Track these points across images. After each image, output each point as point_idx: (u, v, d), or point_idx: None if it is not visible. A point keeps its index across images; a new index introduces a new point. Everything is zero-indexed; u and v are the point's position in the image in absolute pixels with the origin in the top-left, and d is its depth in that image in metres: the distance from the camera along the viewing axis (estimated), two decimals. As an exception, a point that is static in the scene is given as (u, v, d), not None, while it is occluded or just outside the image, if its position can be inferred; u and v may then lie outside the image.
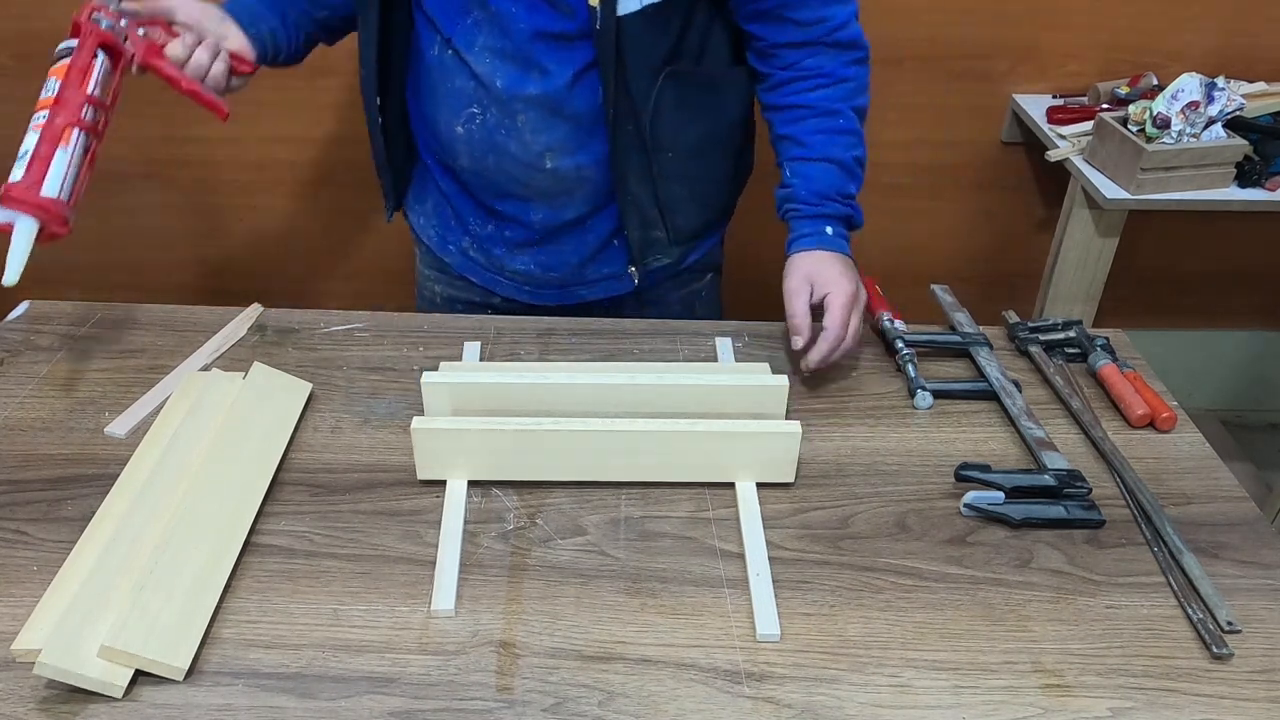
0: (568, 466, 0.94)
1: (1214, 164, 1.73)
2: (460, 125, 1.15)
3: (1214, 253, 2.29)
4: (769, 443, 0.93)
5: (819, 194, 1.11)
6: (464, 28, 1.09)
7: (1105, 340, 1.16)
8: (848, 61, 1.12)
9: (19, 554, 0.86)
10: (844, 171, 1.12)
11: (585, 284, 1.26)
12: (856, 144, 1.13)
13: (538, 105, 1.11)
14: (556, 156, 1.14)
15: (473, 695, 0.75)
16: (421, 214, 1.31)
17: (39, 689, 0.74)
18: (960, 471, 0.95)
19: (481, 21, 1.08)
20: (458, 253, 1.29)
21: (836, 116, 1.12)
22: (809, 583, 0.86)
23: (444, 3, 1.10)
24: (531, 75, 1.09)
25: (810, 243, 1.10)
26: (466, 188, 1.22)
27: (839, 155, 1.11)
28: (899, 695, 0.76)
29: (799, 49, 1.11)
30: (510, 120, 1.12)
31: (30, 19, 1.92)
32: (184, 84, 1.03)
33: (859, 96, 1.13)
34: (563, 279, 1.25)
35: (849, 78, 1.12)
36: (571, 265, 1.24)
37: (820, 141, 1.12)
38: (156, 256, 2.23)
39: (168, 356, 1.11)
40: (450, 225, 1.28)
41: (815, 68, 1.11)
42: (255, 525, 0.89)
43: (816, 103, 1.11)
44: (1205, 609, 0.84)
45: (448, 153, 1.19)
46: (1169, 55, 2.01)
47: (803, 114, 1.12)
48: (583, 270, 1.25)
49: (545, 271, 1.25)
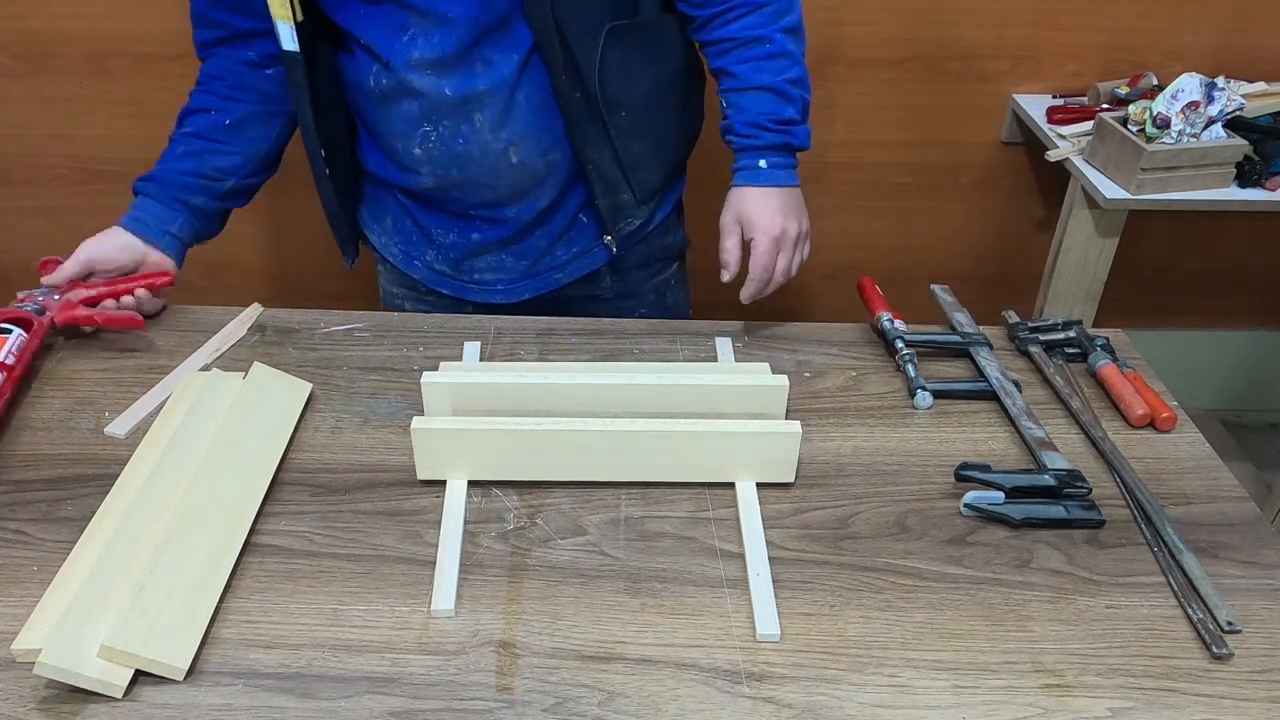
0: (568, 466, 0.94)
1: (1214, 164, 1.73)
2: (417, 146, 1.15)
3: (1214, 253, 2.29)
4: (769, 443, 0.93)
5: (751, 124, 1.11)
6: (400, 45, 1.08)
7: (1105, 340, 1.16)
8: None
9: (19, 554, 0.86)
10: (778, 96, 1.11)
11: (558, 267, 1.26)
12: (789, 66, 1.12)
13: (491, 100, 1.11)
14: (520, 150, 1.14)
15: (473, 695, 0.75)
16: (381, 233, 1.30)
17: (39, 689, 0.74)
18: (960, 471, 0.95)
19: (417, 35, 1.07)
20: (424, 267, 1.29)
21: (763, 43, 1.11)
22: (809, 583, 0.86)
23: (378, 26, 1.09)
24: (477, 70, 1.09)
25: (745, 177, 1.12)
26: (429, 202, 1.22)
27: (769, 81, 1.11)
28: (899, 695, 0.76)
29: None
30: (468, 124, 1.12)
31: (30, 19, 1.92)
32: (98, 319, 1.11)
33: (784, 17, 1.12)
34: (534, 265, 1.25)
35: (768, 1, 1.11)
36: (541, 248, 1.24)
37: (748, 70, 1.11)
38: (156, 256, 2.23)
39: (167, 356, 1.11)
40: (413, 240, 1.28)
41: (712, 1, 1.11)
42: (255, 525, 0.89)
43: (739, 33, 1.11)
44: (1205, 609, 0.84)
45: (408, 174, 1.19)
46: (1169, 55, 2.01)
47: (729, 45, 1.12)
48: (553, 251, 1.24)
49: (516, 261, 1.25)
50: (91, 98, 2.00)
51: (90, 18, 1.92)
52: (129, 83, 1.99)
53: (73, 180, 2.11)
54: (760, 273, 1.11)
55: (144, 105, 2.02)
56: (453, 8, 1.05)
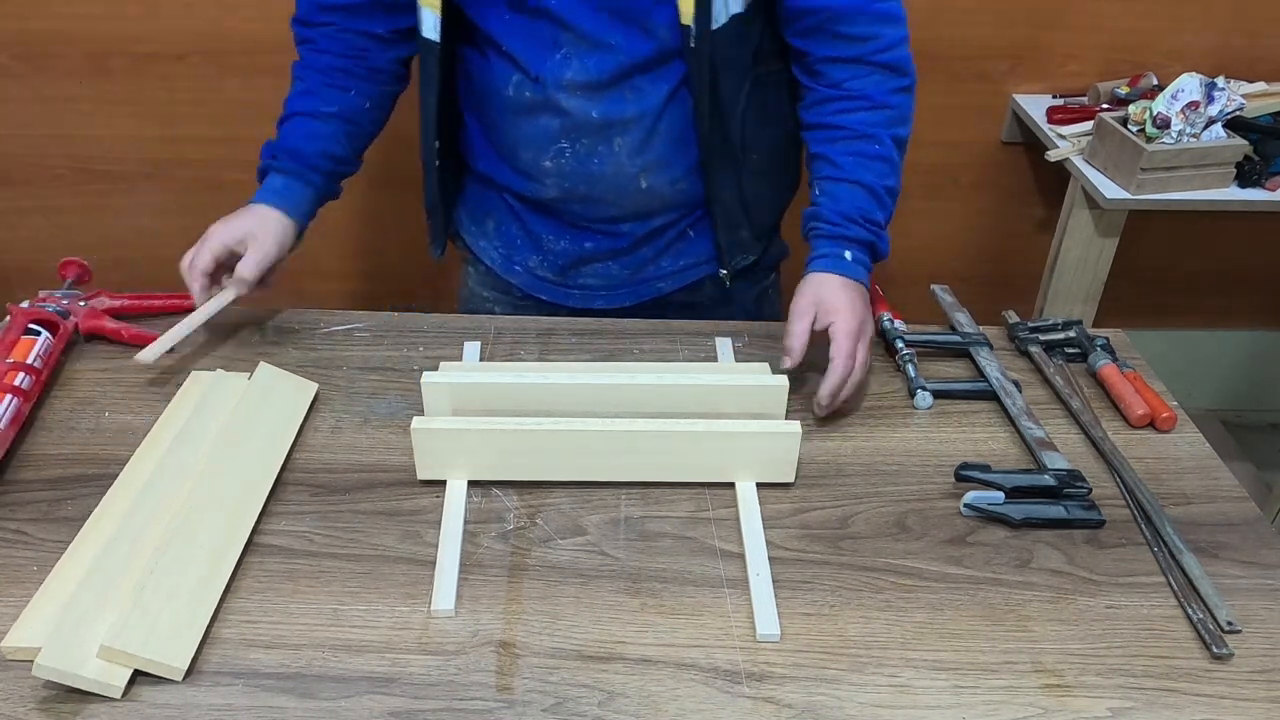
0: (568, 466, 0.94)
1: (1214, 164, 1.73)
2: (549, 160, 1.14)
3: (1214, 253, 2.29)
4: (769, 443, 0.93)
5: (844, 215, 1.07)
6: (552, 62, 1.08)
7: (1105, 340, 1.16)
8: (893, 89, 1.08)
9: (19, 554, 0.86)
10: (873, 197, 1.08)
11: (662, 277, 1.26)
12: (890, 173, 1.09)
13: (635, 127, 1.11)
14: (651, 176, 1.15)
15: (473, 695, 0.75)
16: (480, 235, 1.29)
17: (38, 689, 0.74)
18: (960, 471, 0.95)
19: (571, 56, 1.07)
20: (524, 272, 1.28)
21: (873, 142, 1.08)
22: (809, 583, 0.86)
23: (529, 39, 1.08)
24: (626, 97, 1.10)
25: (827, 264, 1.06)
26: (544, 209, 1.22)
27: (870, 180, 1.08)
28: (899, 695, 0.76)
29: (845, 66, 1.08)
30: (606, 146, 1.13)
31: (30, 19, 1.92)
32: (125, 334, 1.12)
33: (899, 126, 1.10)
34: (638, 274, 1.25)
35: (891, 105, 1.08)
36: (648, 259, 1.24)
37: (852, 164, 1.08)
38: (156, 256, 2.23)
39: (168, 357, 1.11)
40: (517, 245, 1.27)
41: (858, 89, 1.08)
42: (256, 525, 0.89)
43: (854, 125, 1.08)
44: (1205, 609, 0.84)
45: (529, 183, 1.18)
46: (1169, 55, 2.01)
47: (839, 134, 1.09)
48: (659, 261, 1.24)
49: (622, 269, 1.25)
50: (91, 98, 2.00)
51: (90, 18, 1.92)
52: (129, 83, 1.99)
53: (73, 180, 2.11)
54: (844, 361, 1.00)
55: (144, 105, 2.02)
56: (614, 35, 1.06)
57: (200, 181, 2.12)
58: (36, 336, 1.04)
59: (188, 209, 2.16)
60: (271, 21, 1.91)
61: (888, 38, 1.07)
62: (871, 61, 1.07)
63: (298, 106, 1.17)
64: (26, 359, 1.02)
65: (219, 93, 2.01)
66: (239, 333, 1.16)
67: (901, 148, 1.11)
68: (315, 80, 1.17)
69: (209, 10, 1.91)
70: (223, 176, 2.12)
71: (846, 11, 1.05)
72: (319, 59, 1.17)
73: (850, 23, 1.05)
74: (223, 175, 2.11)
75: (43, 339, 1.05)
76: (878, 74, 1.07)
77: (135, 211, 2.16)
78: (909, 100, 1.11)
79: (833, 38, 1.07)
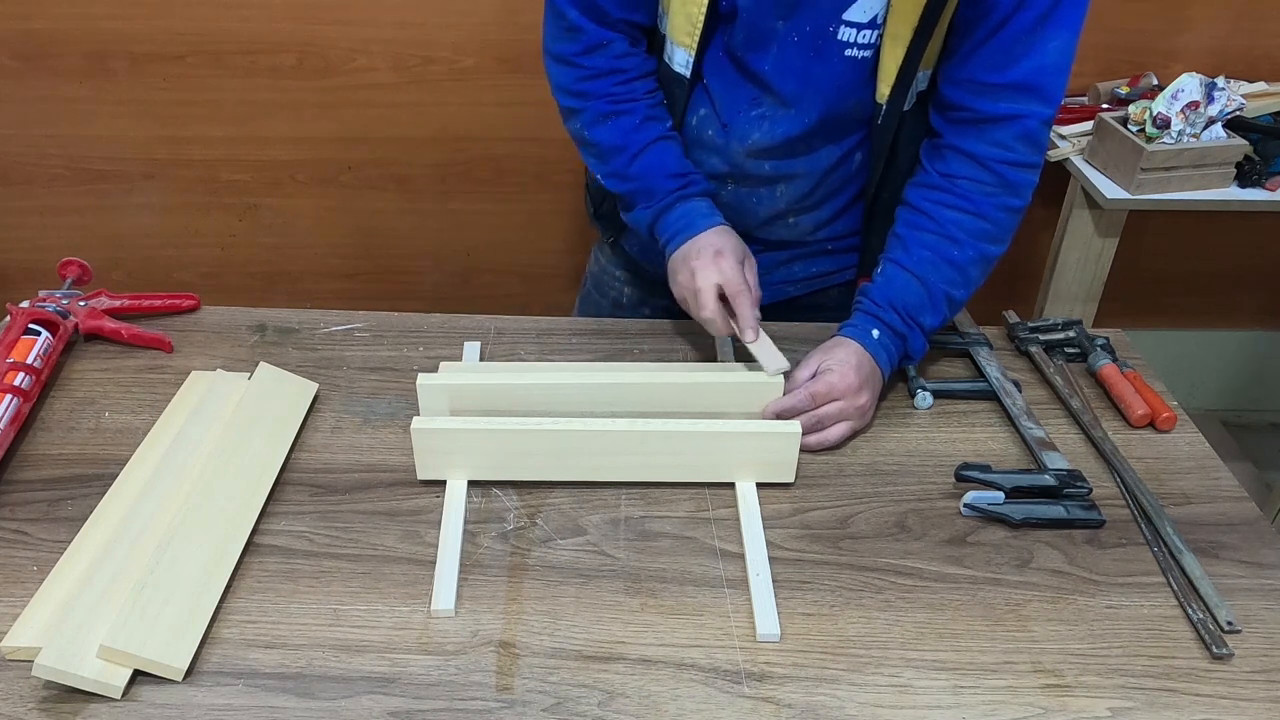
0: (568, 466, 0.94)
1: (1214, 164, 1.73)
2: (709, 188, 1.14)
3: (1214, 253, 2.29)
4: (769, 443, 0.93)
5: (889, 301, 1.04)
6: (746, 119, 1.09)
7: (1105, 340, 1.16)
8: (1002, 205, 1.04)
9: (19, 554, 0.86)
10: (928, 297, 1.04)
11: (792, 281, 1.26)
12: (959, 283, 1.05)
13: (802, 180, 1.13)
14: (802, 214, 1.17)
15: (473, 695, 0.75)
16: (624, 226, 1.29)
17: (38, 688, 0.74)
18: (960, 471, 0.95)
19: (766, 118, 1.08)
20: (661, 261, 1.24)
21: (955, 246, 1.04)
22: (809, 583, 0.86)
23: (733, 89, 1.09)
24: (799, 157, 1.11)
25: (850, 332, 1.04)
26: None
27: (933, 281, 1.04)
28: (899, 695, 0.76)
29: (968, 162, 1.04)
30: (768, 190, 1.15)
31: (30, 19, 1.92)
32: (125, 334, 1.12)
33: (991, 243, 1.05)
34: (768, 275, 1.23)
35: (991, 220, 1.04)
36: (780, 261, 1.24)
37: (923, 258, 1.04)
38: (156, 256, 2.23)
39: (168, 357, 1.11)
40: None
41: (966, 190, 1.04)
42: (255, 525, 0.89)
43: (945, 222, 1.04)
44: (1205, 609, 0.84)
45: None
46: (1169, 55, 2.01)
47: (927, 224, 1.05)
48: (790, 266, 1.25)
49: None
50: (91, 98, 2.00)
51: (90, 18, 1.92)
52: (129, 83, 1.99)
53: (73, 180, 2.11)
54: (801, 401, 0.98)
55: (144, 105, 2.02)
56: (814, 109, 1.06)
57: (200, 181, 2.12)
58: (36, 336, 1.05)
59: (188, 209, 2.16)
60: (272, 21, 1.91)
61: (1020, 155, 1.03)
62: (994, 169, 1.03)
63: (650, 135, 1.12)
64: (26, 359, 1.02)
65: (219, 93, 2.01)
66: (239, 333, 1.16)
67: (985, 264, 1.07)
68: (642, 107, 1.12)
69: (209, 10, 1.91)
70: (223, 176, 2.12)
71: (999, 118, 1.02)
72: (636, 86, 1.12)
73: (999, 128, 1.02)
74: (223, 175, 2.12)
75: (43, 339, 1.05)
76: (994, 184, 1.04)
77: (135, 211, 2.16)
78: (1012, 221, 1.06)
79: (975, 135, 1.04)
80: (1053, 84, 1.00)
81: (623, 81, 1.11)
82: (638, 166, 1.11)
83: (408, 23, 1.94)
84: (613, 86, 1.11)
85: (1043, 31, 0.96)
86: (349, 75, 1.99)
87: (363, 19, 1.93)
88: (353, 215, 2.19)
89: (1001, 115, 1.01)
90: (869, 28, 1.01)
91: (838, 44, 1.02)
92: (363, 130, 2.05)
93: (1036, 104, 1.00)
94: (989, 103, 1.01)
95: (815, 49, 1.03)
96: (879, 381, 1.04)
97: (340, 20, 1.93)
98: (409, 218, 2.19)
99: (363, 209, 2.17)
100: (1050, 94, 1.01)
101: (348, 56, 1.98)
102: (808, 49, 1.03)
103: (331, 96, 2.01)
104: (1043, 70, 0.99)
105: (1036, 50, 0.97)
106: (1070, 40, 0.98)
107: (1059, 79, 1.00)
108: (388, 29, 1.95)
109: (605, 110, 1.11)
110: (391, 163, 2.11)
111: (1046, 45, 0.97)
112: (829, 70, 1.04)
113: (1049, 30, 0.96)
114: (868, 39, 1.01)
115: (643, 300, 1.34)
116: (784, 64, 1.04)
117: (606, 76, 1.11)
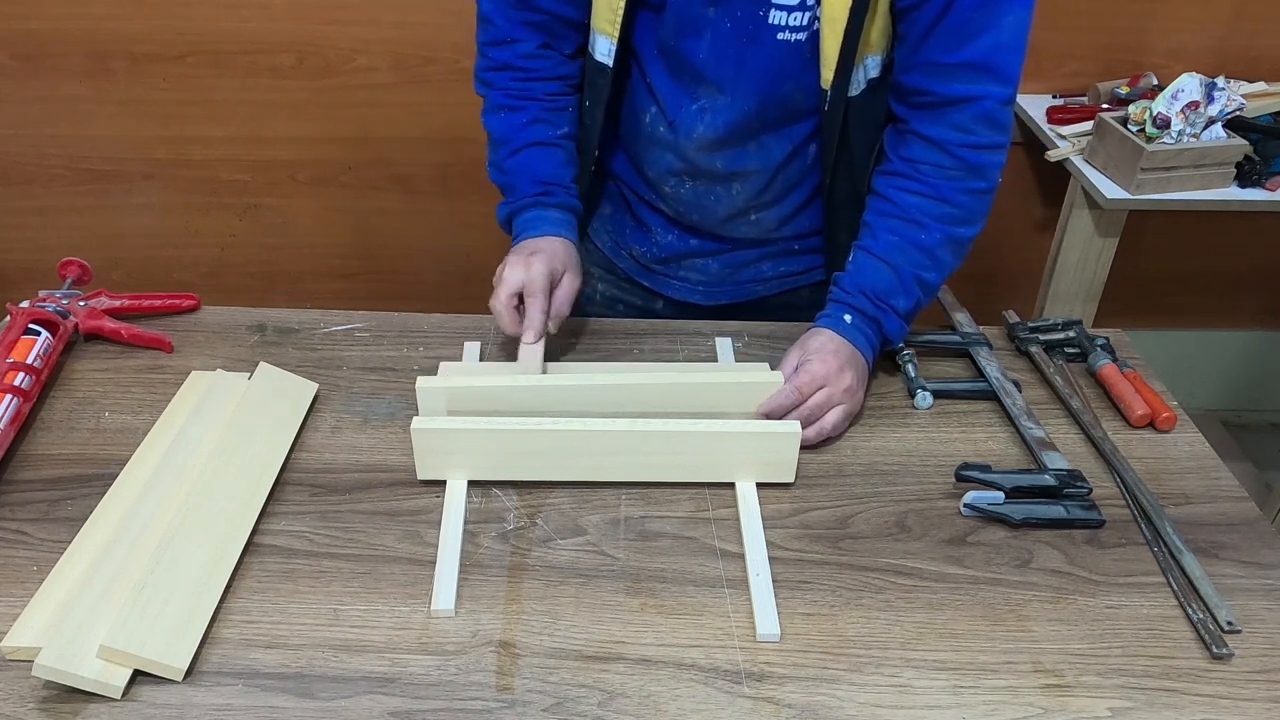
0: (567, 466, 0.94)
1: (1214, 164, 1.73)
2: (668, 187, 1.17)
3: (1214, 253, 2.29)
4: (769, 443, 0.93)
5: (859, 287, 1.04)
6: (688, 113, 1.10)
7: (1105, 340, 1.16)
8: (966, 189, 1.04)
9: (19, 554, 0.86)
10: (898, 281, 1.04)
11: (761, 280, 1.27)
12: (928, 266, 1.04)
13: (756, 177, 1.14)
14: (762, 211, 1.18)
15: (473, 695, 0.75)
16: (595, 218, 1.32)
17: (38, 688, 0.74)
18: (960, 471, 0.95)
19: (707, 110, 1.09)
20: (628, 258, 1.30)
21: (920, 230, 1.04)
22: (809, 583, 0.86)
23: (672, 83, 1.10)
24: (751, 152, 1.12)
25: (825, 322, 1.05)
26: (658, 210, 1.24)
27: (901, 264, 1.04)
28: (899, 695, 0.76)
29: (930, 147, 1.03)
30: (724, 188, 1.15)
31: (30, 19, 1.92)
32: (125, 334, 1.12)
33: (958, 225, 1.05)
34: (736, 274, 1.26)
35: (955, 203, 1.04)
36: (749, 261, 1.25)
37: (890, 244, 1.04)
38: (156, 256, 2.23)
39: (168, 358, 1.11)
40: (626, 232, 1.29)
41: (928, 175, 1.04)
42: (255, 525, 0.89)
43: (909, 207, 1.04)
44: (1205, 609, 0.84)
45: (649, 190, 1.21)
46: (1169, 55, 2.01)
47: (891, 210, 1.05)
48: (759, 265, 1.25)
49: (722, 268, 1.26)
50: (91, 98, 2.00)
51: (90, 18, 1.92)
52: (129, 83, 2.00)
53: (73, 180, 2.11)
54: (789, 397, 0.98)
55: (144, 105, 2.02)
56: (751, 97, 1.06)
57: (200, 181, 2.12)
58: (36, 336, 1.05)
59: (188, 209, 2.16)
60: (271, 21, 1.91)
61: (981, 138, 1.02)
62: (956, 154, 1.02)
63: (533, 136, 1.14)
64: (26, 359, 1.02)
65: (219, 93, 2.01)
66: (239, 333, 1.16)
67: (955, 246, 1.06)
68: (535, 107, 1.15)
69: (209, 10, 1.91)
70: (222, 176, 2.12)
71: (957, 100, 1.01)
72: (535, 86, 1.15)
73: (957, 110, 1.01)
74: (223, 175, 2.12)
75: (43, 339, 1.05)
76: (956, 168, 1.03)
77: (135, 211, 2.16)
78: (979, 203, 1.05)
79: (934, 119, 1.03)
80: (1008, 62, 1.00)
81: (521, 79, 1.14)
82: (513, 163, 1.14)
83: (408, 23, 1.94)
84: (510, 81, 1.14)
85: (995, 8, 0.96)
86: (349, 75, 1.99)
87: (363, 19, 1.93)
88: (353, 215, 2.19)
89: (959, 97, 1.01)
90: (799, 10, 1.00)
91: (770, 28, 1.02)
92: (363, 130, 2.05)
93: (993, 84, 1.00)
94: (945, 84, 1.01)
95: (747, 34, 1.03)
96: (862, 365, 1.04)
97: (340, 20, 1.93)
98: (409, 218, 2.19)
99: (363, 209, 2.17)
100: (1006, 73, 1.00)
101: (348, 56, 1.98)
102: (740, 35, 1.03)
103: (331, 96, 2.01)
104: (997, 48, 0.99)
105: (990, 28, 0.97)
106: (1023, 18, 0.98)
107: (1014, 57, 1.00)
108: (388, 29, 1.95)
109: (500, 102, 1.15)
110: (391, 163, 2.11)
111: (1000, 22, 0.97)
112: (762, 55, 1.04)
113: (1001, 7, 0.96)
114: (799, 21, 1.01)
115: (616, 298, 1.34)
116: (718, 52, 1.05)
117: (505, 71, 1.14)
